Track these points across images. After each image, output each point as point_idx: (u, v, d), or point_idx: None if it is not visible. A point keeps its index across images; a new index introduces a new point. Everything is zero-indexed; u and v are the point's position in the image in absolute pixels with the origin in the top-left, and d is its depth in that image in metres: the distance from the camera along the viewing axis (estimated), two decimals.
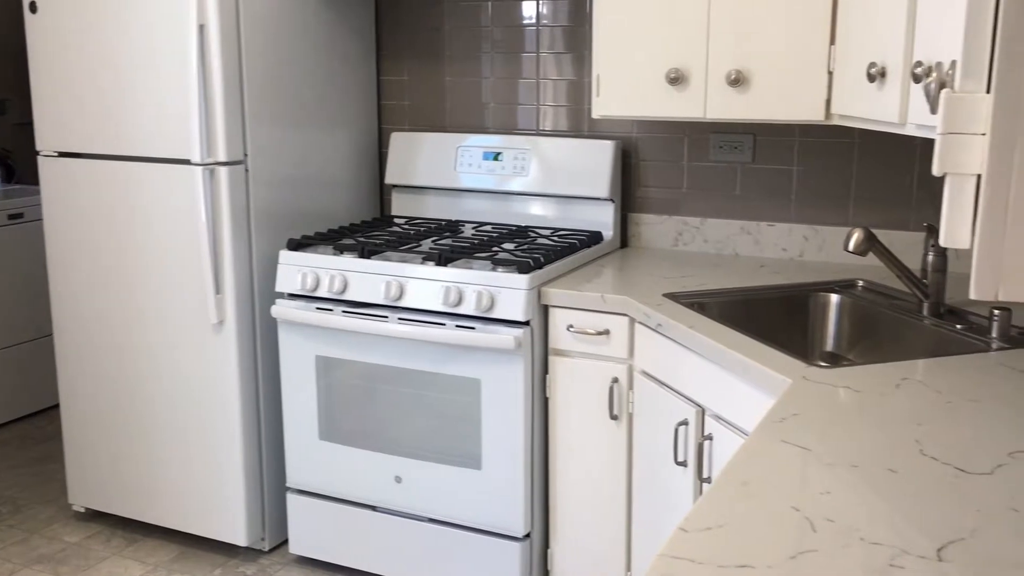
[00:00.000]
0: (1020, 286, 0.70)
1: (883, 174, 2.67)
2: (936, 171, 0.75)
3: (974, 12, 0.70)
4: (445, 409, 2.59)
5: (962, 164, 0.73)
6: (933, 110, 0.80)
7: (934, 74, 0.82)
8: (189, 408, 2.87)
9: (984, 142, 0.72)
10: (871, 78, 2.03)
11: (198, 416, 2.86)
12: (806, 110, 2.34)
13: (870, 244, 2.09)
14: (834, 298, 2.42)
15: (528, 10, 3.04)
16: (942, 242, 0.76)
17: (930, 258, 2.17)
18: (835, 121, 2.31)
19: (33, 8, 2.81)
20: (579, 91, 3.01)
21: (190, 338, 2.81)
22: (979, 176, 0.72)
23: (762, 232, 2.83)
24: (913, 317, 2.19)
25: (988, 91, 0.72)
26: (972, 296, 0.77)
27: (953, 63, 0.83)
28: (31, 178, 4.46)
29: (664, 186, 2.94)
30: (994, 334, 1.97)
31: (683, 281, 2.53)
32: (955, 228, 0.73)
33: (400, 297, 2.58)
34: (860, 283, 2.48)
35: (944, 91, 0.72)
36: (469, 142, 3.09)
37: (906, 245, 2.64)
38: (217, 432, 2.84)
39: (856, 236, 2.09)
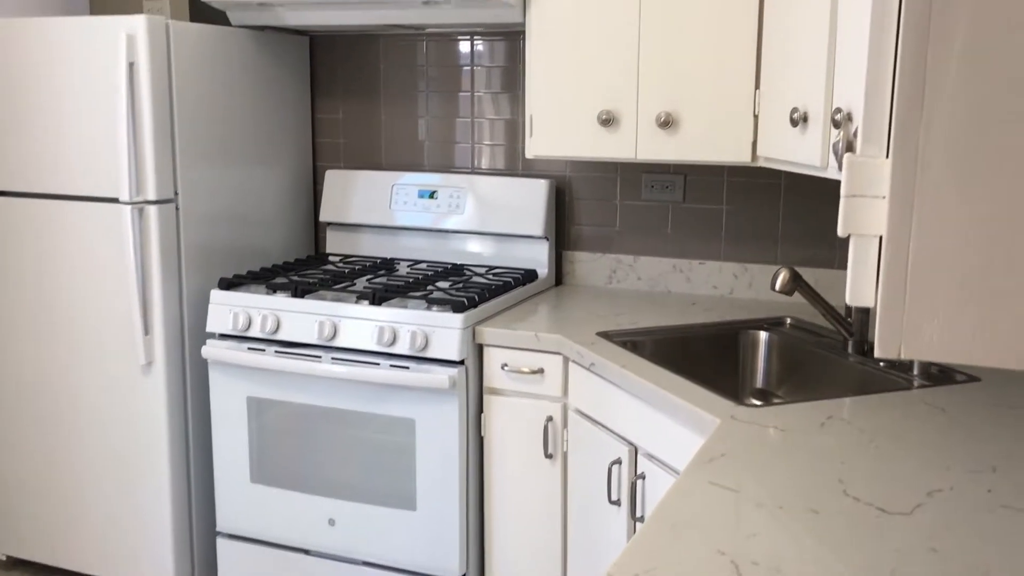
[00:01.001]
0: (919, 344, 0.73)
1: (809, 213, 2.74)
2: (840, 232, 0.77)
3: (872, 83, 0.73)
4: (379, 450, 2.56)
5: (865, 225, 0.76)
6: (840, 168, 0.83)
7: (841, 133, 0.85)
8: (116, 451, 2.80)
9: (884, 205, 0.75)
10: (794, 123, 2.09)
11: (125, 459, 2.79)
12: (733, 152, 2.40)
13: (796, 284, 2.14)
14: (763, 335, 2.47)
15: (464, 50, 3.06)
16: (848, 301, 0.79)
17: None
18: (761, 163, 2.37)
19: None
20: (514, 130, 3.04)
21: (118, 380, 2.75)
22: (881, 237, 0.75)
23: (693, 270, 2.87)
24: (838, 355, 2.24)
25: (887, 156, 0.75)
26: (876, 354, 0.80)
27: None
28: None
29: (598, 224, 2.98)
30: (915, 372, 2.03)
31: (617, 319, 2.55)
32: (859, 287, 0.75)
33: (334, 337, 2.55)
34: (788, 320, 2.53)
35: (846, 156, 0.75)
36: (404, 180, 3.09)
37: (832, 282, 2.70)
38: (145, 476, 2.77)
39: (782, 276, 2.14)
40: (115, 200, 2.66)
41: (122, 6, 3.46)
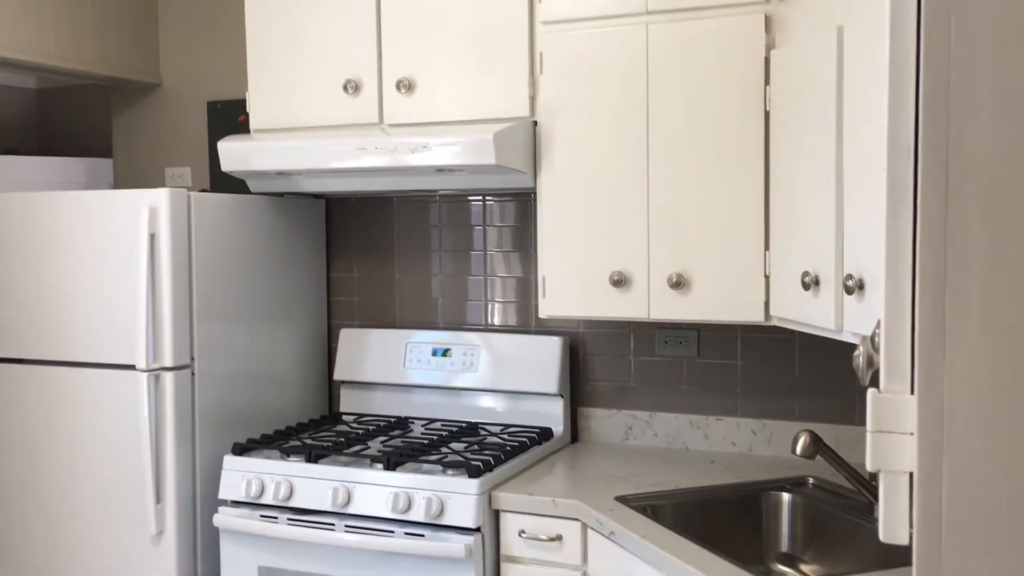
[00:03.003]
0: None
1: (825, 369, 2.72)
2: (869, 467, 0.76)
3: (892, 318, 0.74)
4: None
5: (894, 462, 0.75)
6: (863, 383, 0.82)
7: (860, 348, 0.85)
8: None
9: (913, 442, 0.74)
10: (805, 286, 2.10)
11: None
12: (746, 312, 2.41)
13: (817, 448, 2.11)
14: (786, 497, 2.41)
15: (476, 210, 3.13)
16: (881, 538, 0.77)
17: None
18: (774, 322, 2.38)
19: None
20: (527, 288, 3.08)
21: (126, 550, 2.69)
22: (911, 474, 0.74)
23: (711, 426, 2.84)
24: (864, 519, 2.18)
25: (912, 393, 0.75)
26: None
27: (880, 324, 0.87)
28: None
29: (612, 380, 2.97)
30: None
31: (635, 480, 2.51)
32: (893, 525, 0.74)
33: (348, 503, 2.51)
34: (811, 480, 2.48)
35: (871, 391, 0.75)
36: (418, 338, 3.10)
37: (853, 438, 2.66)
38: None
39: (803, 440, 2.10)
40: (131, 367, 2.66)
41: (147, 176, 3.57)
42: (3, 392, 2.86)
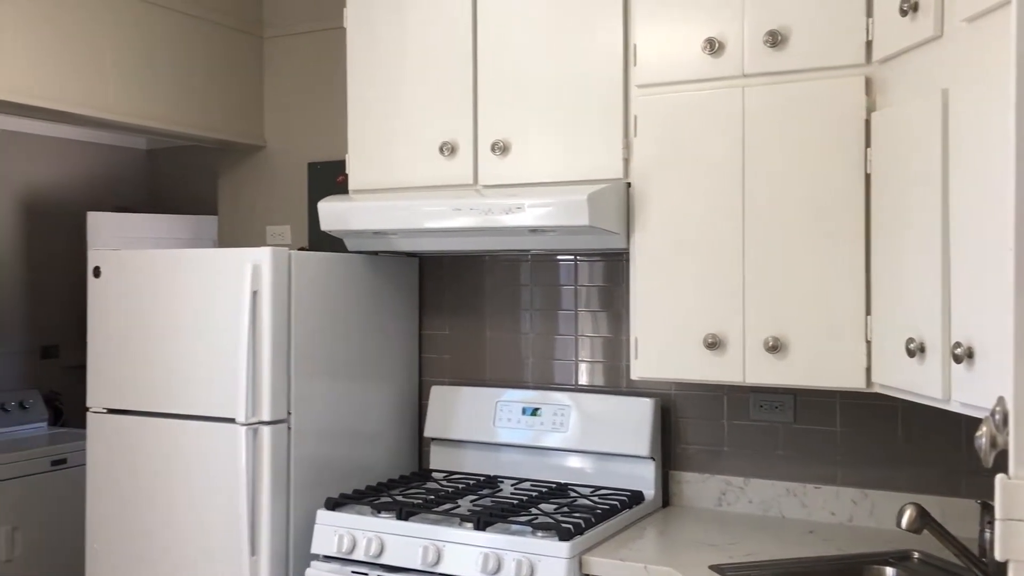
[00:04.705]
0: None
1: (930, 438, 2.62)
2: (999, 557, 0.73)
3: (1021, 400, 0.71)
4: None
5: None
6: (986, 465, 0.79)
7: (983, 428, 0.82)
8: None
9: None
10: (910, 353, 2.04)
11: None
12: (846, 378, 2.34)
13: (924, 522, 2.02)
14: (889, 572, 2.32)
15: (566, 270, 3.14)
16: None
17: (987, 536, 2.08)
18: (876, 390, 2.31)
19: (97, 273, 2.96)
20: (616, 348, 3.06)
21: None
22: None
23: (808, 494, 2.75)
24: None
25: None
26: None
27: (1001, 400, 0.83)
28: (79, 421, 4.53)
29: (705, 444, 2.91)
30: None
31: (730, 549, 2.44)
32: None
33: (438, 563, 2.51)
34: (916, 555, 2.38)
35: (999, 477, 0.72)
36: (508, 397, 3.11)
37: (960, 512, 2.54)
38: None
39: (909, 514, 2.02)
40: (231, 420, 2.73)
41: (249, 234, 3.70)
42: (112, 442, 2.96)
